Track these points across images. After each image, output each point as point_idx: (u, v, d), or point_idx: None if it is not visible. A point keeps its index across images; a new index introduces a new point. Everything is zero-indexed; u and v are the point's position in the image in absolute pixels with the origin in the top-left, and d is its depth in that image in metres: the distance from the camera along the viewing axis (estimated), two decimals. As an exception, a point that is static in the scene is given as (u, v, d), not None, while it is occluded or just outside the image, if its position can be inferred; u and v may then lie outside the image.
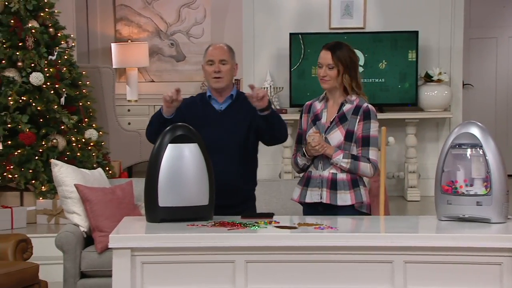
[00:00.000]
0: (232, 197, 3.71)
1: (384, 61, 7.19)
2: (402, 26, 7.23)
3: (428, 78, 7.19)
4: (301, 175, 3.80)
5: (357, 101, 3.67)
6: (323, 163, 3.65)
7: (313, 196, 3.66)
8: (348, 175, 3.62)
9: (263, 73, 7.33)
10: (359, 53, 7.16)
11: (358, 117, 3.64)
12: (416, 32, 7.14)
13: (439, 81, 7.18)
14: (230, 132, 3.79)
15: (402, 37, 7.16)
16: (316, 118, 3.70)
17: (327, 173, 3.64)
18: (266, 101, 3.62)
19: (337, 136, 3.63)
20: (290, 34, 7.17)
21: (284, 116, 7.11)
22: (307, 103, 3.80)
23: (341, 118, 3.65)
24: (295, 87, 7.16)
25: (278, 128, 3.75)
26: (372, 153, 3.63)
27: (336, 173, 3.63)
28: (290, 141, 7.00)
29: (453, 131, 3.30)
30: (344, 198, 3.62)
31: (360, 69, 7.09)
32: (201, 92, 4.01)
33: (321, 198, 3.63)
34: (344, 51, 3.62)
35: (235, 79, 7.90)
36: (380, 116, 6.97)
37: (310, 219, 3.41)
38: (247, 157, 3.85)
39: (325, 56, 3.63)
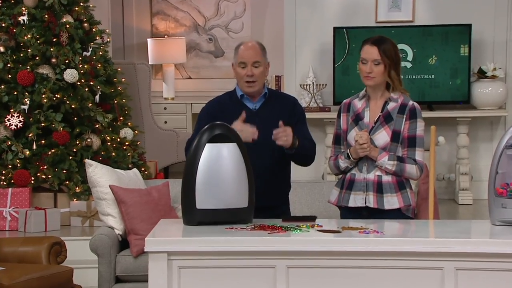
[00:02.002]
0: (267, 199, 3.70)
1: (434, 56, 7.12)
2: (454, 18, 7.16)
3: (482, 74, 7.09)
4: (339, 176, 3.78)
5: (402, 99, 3.65)
6: (367, 165, 3.63)
7: (357, 200, 3.64)
8: (394, 177, 3.61)
9: (305, 69, 7.32)
10: (407, 48, 7.11)
11: (405, 116, 3.62)
12: (469, 25, 7.06)
13: (493, 77, 7.08)
14: (265, 131, 3.74)
15: (454, 31, 7.08)
16: (358, 118, 3.68)
17: (372, 175, 3.62)
18: (288, 144, 3.64)
19: (383, 136, 3.61)
20: (334, 28, 7.14)
21: (327, 115, 7.19)
22: (345, 101, 3.78)
23: (386, 118, 3.63)
24: (339, 84, 7.13)
25: (301, 161, 3.84)
26: (419, 154, 3.62)
27: (382, 176, 3.61)
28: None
29: (508, 130, 3.26)
30: (391, 201, 3.60)
31: (409, 65, 7.09)
32: (229, 91, 3.97)
33: (366, 202, 3.62)
34: (389, 46, 3.61)
35: (276, 76, 7.95)
36: (430, 114, 6.96)
37: (354, 222, 3.40)
38: (283, 159, 3.84)
39: (371, 51, 3.60)
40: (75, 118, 6.11)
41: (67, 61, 6.04)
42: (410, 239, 3.13)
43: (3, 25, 6.08)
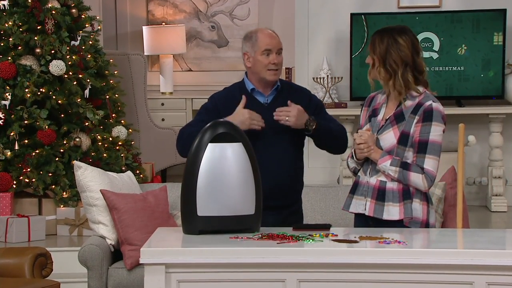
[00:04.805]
0: (280, 199, 3.85)
1: (463, 45, 7.12)
2: (486, 3, 7.15)
3: (517, 65, 7.10)
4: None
5: (421, 97, 3.58)
6: (371, 168, 3.62)
7: (358, 206, 3.65)
8: (400, 184, 3.56)
9: (319, 61, 7.32)
10: (433, 37, 7.10)
11: (417, 117, 3.55)
12: (503, 11, 7.05)
13: (530, 69, 7.09)
14: (278, 127, 3.86)
15: (486, 17, 7.08)
16: (373, 114, 3.68)
17: (374, 180, 3.60)
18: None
19: (389, 137, 3.58)
20: (351, 14, 7.15)
21: (343, 111, 7.20)
22: (370, 94, 3.78)
23: (398, 117, 3.59)
24: (356, 77, 7.13)
25: (330, 146, 4.02)
26: (429, 162, 3.53)
27: (386, 182, 3.58)
28: (351, 140, 6.98)
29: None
30: (392, 211, 3.56)
31: (435, 56, 7.08)
32: (237, 82, 4.08)
33: (365, 209, 3.62)
34: (383, 39, 3.56)
35: (286, 68, 7.95)
36: (459, 110, 6.96)
37: (373, 231, 3.40)
38: (297, 156, 3.99)
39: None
40: (62, 115, 6.13)
41: (53, 52, 6.06)
42: (436, 250, 3.13)
43: (-18, 11, 6.11)
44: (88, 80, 6.16)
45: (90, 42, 6.36)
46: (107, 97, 6.39)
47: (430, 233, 3.51)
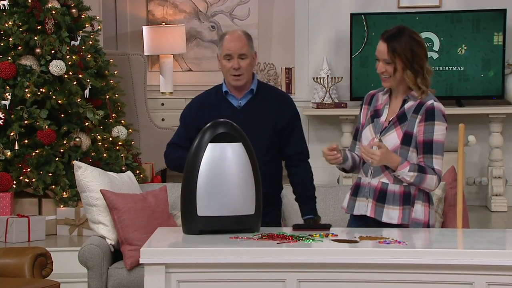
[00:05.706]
0: None
1: (464, 45, 7.12)
2: (486, 3, 7.15)
3: (517, 65, 7.10)
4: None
5: (422, 97, 3.59)
6: (373, 169, 3.61)
7: (360, 207, 3.64)
8: (401, 187, 3.56)
9: (319, 61, 7.32)
10: (433, 37, 7.10)
11: (419, 116, 3.55)
12: (504, 11, 7.05)
13: (530, 69, 7.09)
14: (250, 130, 3.80)
15: (486, 17, 7.08)
16: (376, 114, 3.66)
17: (376, 181, 3.60)
18: None
19: (392, 138, 3.57)
20: (351, 14, 7.15)
21: (343, 111, 7.20)
22: (370, 92, 3.77)
23: (401, 118, 3.58)
24: (356, 77, 7.14)
25: None
26: (437, 162, 3.53)
27: (388, 184, 3.58)
28: (347, 142, 6.98)
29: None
30: (391, 215, 3.56)
31: (435, 55, 7.08)
32: (217, 85, 4.08)
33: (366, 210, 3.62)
34: (403, 42, 3.53)
35: (286, 68, 7.93)
36: (459, 110, 6.96)
37: (373, 231, 3.40)
38: (271, 158, 3.95)
39: (381, 49, 3.57)
40: (62, 115, 6.13)
41: (53, 52, 6.06)
42: (436, 250, 3.14)
43: (-18, 11, 6.11)
44: (88, 80, 6.17)
45: (90, 42, 6.36)
46: (107, 97, 6.39)
47: (430, 233, 3.51)
